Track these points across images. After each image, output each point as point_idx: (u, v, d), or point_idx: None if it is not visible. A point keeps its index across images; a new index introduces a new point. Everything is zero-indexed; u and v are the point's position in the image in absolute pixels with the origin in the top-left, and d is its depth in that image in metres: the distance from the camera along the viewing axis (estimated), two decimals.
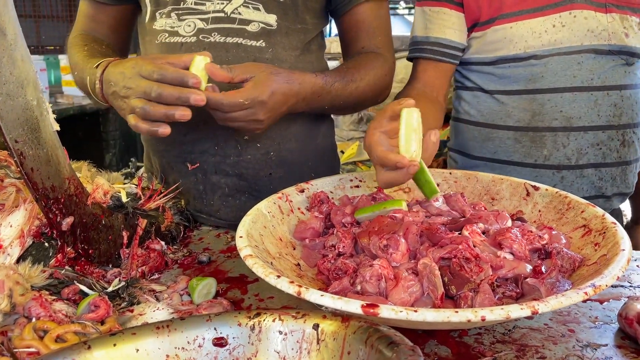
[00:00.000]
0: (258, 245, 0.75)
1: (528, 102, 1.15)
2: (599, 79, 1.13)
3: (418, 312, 0.55)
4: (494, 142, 1.21)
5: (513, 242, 0.71)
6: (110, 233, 0.82)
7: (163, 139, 1.08)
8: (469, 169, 1.26)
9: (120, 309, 0.69)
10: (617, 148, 1.15)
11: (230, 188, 1.12)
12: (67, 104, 4.33)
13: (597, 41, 1.12)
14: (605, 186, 1.17)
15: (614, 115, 1.14)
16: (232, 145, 1.09)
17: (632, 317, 0.67)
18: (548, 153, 1.15)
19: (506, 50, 1.15)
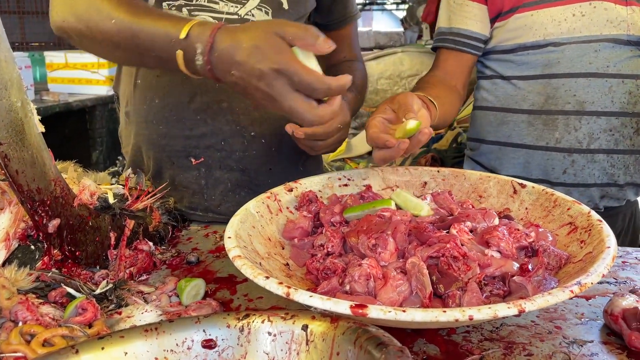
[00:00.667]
0: (247, 245, 0.75)
1: (543, 86, 1.18)
2: (615, 67, 1.15)
3: (407, 312, 0.55)
4: (508, 125, 1.24)
5: (500, 240, 0.72)
6: (97, 234, 0.81)
7: (166, 132, 1.11)
8: (483, 155, 1.28)
9: (108, 312, 0.69)
10: (631, 135, 1.17)
11: (232, 183, 1.13)
12: (52, 102, 4.28)
13: (616, 31, 1.14)
14: (617, 174, 1.18)
15: (628, 103, 1.16)
16: (239, 140, 1.11)
17: (617, 314, 0.67)
18: (559, 136, 1.17)
19: (526, 37, 1.18)
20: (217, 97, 1.10)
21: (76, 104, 4.43)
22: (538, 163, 1.21)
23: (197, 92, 1.10)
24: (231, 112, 1.11)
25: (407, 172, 1.01)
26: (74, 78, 4.73)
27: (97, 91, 4.65)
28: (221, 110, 1.10)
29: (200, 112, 1.10)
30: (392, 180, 1.01)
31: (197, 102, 1.10)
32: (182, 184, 1.14)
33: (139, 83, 1.13)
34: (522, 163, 1.23)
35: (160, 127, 1.12)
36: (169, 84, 1.10)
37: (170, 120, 1.11)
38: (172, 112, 1.11)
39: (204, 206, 1.14)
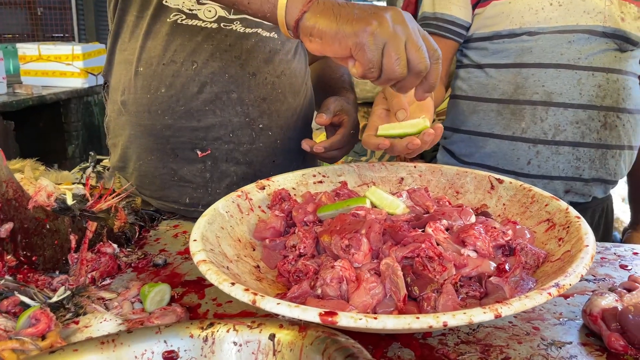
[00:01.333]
0: (214, 248, 0.71)
1: (513, 76, 1.18)
2: (586, 60, 1.14)
3: (378, 319, 0.52)
4: (478, 114, 1.24)
5: (476, 239, 0.69)
6: (56, 238, 0.77)
7: (172, 123, 1.08)
8: (455, 144, 1.27)
9: (65, 321, 0.65)
10: (598, 129, 1.15)
11: (238, 176, 1.11)
12: (25, 95, 4.17)
13: (592, 22, 1.13)
14: (583, 167, 1.17)
15: (596, 96, 1.14)
16: (247, 132, 1.10)
17: (597, 314, 0.66)
18: (525, 126, 1.17)
19: (502, 25, 1.17)
20: (227, 88, 1.07)
21: (50, 97, 4.34)
22: (505, 153, 1.20)
23: (206, 82, 1.07)
24: (241, 103, 1.09)
25: (383, 168, 0.98)
26: (48, 70, 4.63)
27: (72, 84, 4.56)
28: (231, 102, 1.08)
29: (209, 103, 1.07)
30: (368, 176, 0.98)
31: (207, 92, 1.07)
32: (185, 177, 1.11)
33: (141, 71, 1.08)
34: (490, 153, 1.22)
35: (166, 117, 1.07)
36: (176, 73, 1.06)
37: (177, 110, 1.07)
38: (179, 102, 1.07)
39: (207, 201, 1.10)
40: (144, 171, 1.13)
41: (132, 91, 1.10)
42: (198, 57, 1.06)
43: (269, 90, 1.12)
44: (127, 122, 1.12)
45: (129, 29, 1.11)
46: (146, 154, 1.12)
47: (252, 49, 1.10)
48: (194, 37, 1.07)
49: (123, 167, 1.17)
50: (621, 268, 0.84)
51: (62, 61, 4.58)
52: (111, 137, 1.19)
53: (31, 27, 6.78)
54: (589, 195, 1.21)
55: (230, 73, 1.08)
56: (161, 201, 1.14)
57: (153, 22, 1.07)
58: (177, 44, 1.06)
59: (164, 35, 1.07)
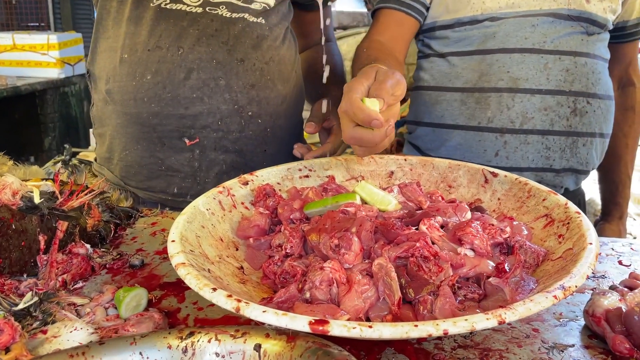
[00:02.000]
0: (194, 249, 0.66)
1: (477, 63, 1.13)
2: (551, 43, 1.10)
3: (373, 328, 0.48)
4: (441, 105, 1.18)
5: (474, 237, 0.65)
6: (23, 238, 0.71)
7: (158, 111, 1.04)
8: (419, 138, 1.23)
9: (32, 331, 0.60)
10: (567, 116, 1.11)
11: (227, 165, 1.08)
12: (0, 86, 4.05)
13: (556, 5, 1.09)
14: (553, 157, 1.13)
15: (565, 81, 1.10)
16: (236, 120, 1.07)
17: (600, 315, 0.62)
18: (492, 115, 1.12)
19: (464, 11, 1.13)
20: (214, 74, 1.04)
21: (25, 88, 4.23)
22: (471, 145, 1.15)
23: (193, 68, 1.03)
24: (229, 90, 1.05)
25: (372, 162, 0.94)
26: (23, 60, 4.52)
27: (48, 74, 4.44)
28: (219, 88, 1.05)
29: (196, 90, 1.04)
30: (357, 170, 0.93)
31: (194, 79, 1.03)
32: (173, 167, 1.07)
33: (126, 58, 1.04)
34: (456, 145, 1.17)
35: (152, 105, 1.04)
36: (162, 59, 1.03)
37: (163, 98, 1.03)
38: (165, 89, 1.03)
39: (196, 190, 1.08)
40: (130, 161, 1.09)
41: (117, 79, 1.06)
42: (184, 42, 1.03)
43: (257, 77, 1.08)
44: (112, 111, 1.08)
45: (111, 15, 1.07)
46: (132, 144, 1.08)
47: (240, 35, 1.07)
48: (179, 21, 1.03)
49: (109, 157, 1.13)
50: (620, 264, 0.81)
51: (38, 51, 4.46)
52: (97, 127, 1.15)
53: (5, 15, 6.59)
54: (561, 187, 1.18)
55: (217, 59, 1.04)
56: (148, 192, 1.10)
57: (136, 7, 1.03)
58: (162, 29, 1.03)
59: (148, 20, 1.03)
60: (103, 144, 1.13)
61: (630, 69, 1.35)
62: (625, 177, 1.35)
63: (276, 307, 0.60)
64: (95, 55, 1.10)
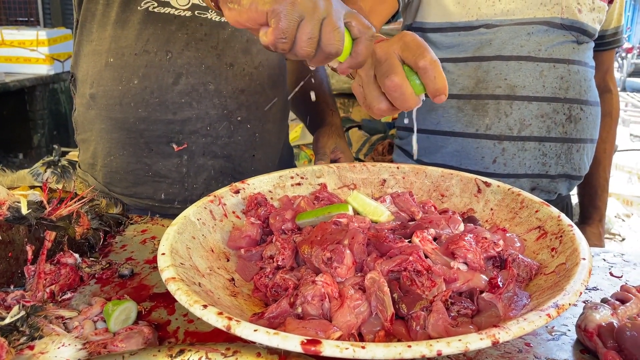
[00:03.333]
0: (184, 262, 0.65)
1: (473, 69, 1.12)
2: (546, 51, 1.10)
3: (366, 348, 0.48)
4: (437, 112, 1.18)
5: (467, 251, 0.65)
6: (9, 249, 0.70)
7: (146, 116, 1.02)
8: (408, 145, 1.22)
9: (19, 346, 0.58)
10: (563, 122, 1.12)
11: (216, 171, 1.07)
12: None
13: (550, 14, 1.09)
14: (549, 163, 1.13)
15: (560, 88, 1.11)
16: (225, 125, 1.06)
17: (592, 330, 0.62)
18: (490, 122, 1.12)
19: (458, 16, 1.12)
20: (203, 79, 1.03)
21: (14, 85, 4.19)
22: (468, 152, 1.15)
23: (182, 72, 1.02)
24: (218, 95, 1.04)
25: (364, 169, 0.93)
26: (11, 56, 4.47)
27: (37, 70, 4.40)
28: (208, 93, 1.03)
29: (185, 95, 1.03)
30: (349, 178, 0.93)
31: (182, 83, 1.02)
32: (160, 173, 1.06)
33: (112, 62, 1.02)
34: (452, 152, 1.17)
35: (139, 110, 1.02)
36: (149, 64, 1.01)
37: (151, 103, 1.02)
38: (153, 94, 1.02)
39: (184, 196, 1.07)
40: (115, 167, 1.07)
41: (102, 83, 1.04)
42: (172, 46, 1.02)
43: (247, 82, 1.07)
44: (96, 116, 1.06)
45: (96, 18, 1.05)
46: (117, 149, 1.06)
47: (229, 39, 1.05)
48: (168, 25, 1.02)
49: (93, 163, 1.11)
50: (611, 276, 0.81)
51: (27, 47, 4.41)
52: (80, 133, 1.13)
53: None
54: (555, 192, 1.18)
55: (206, 64, 1.03)
56: (134, 198, 1.09)
57: (122, 10, 1.01)
58: (149, 33, 1.01)
59: (135, 24, 1.01)
60: (87, 149, 1.11)
61: (607, 76, 1.37)
62: (603, 182, 1.37)
63: (268, 323, 0.59)
64: (79, 59, 1.08)
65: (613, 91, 1.38)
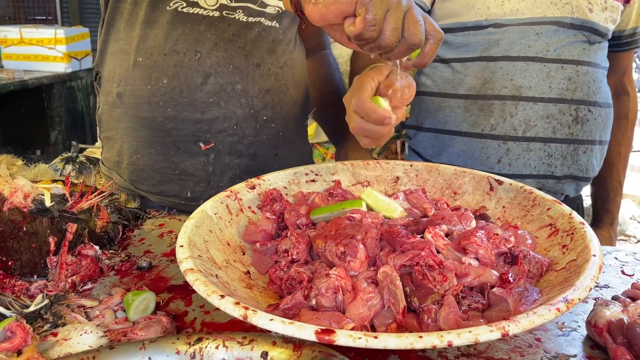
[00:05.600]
0: (202, 254, 0.67)
1: (481, 70, 1.13)
2: (554, 52, 1.10)
3: (379, 338, 0.49)
4: (444, 111, 1.18)
5: (479, 247, 0.66)
6: (33, 240, 0.73)
7: (174, 115, 1.05)
8: (420, 143, 1.23)
9: (43, 333, 0.61)
10: (569, 124, 1.12)
11: (241, 169, 1.09)
12: (7, 79, 4.07)
13: (560, 13, 1.09)
14: (555, 164, 1.13)
15: (567, 89, 1.11)
16: (251, 125, 1.08)
17: (602, 326, 0.63)
18: (495, 122, 1.12)
19: (467, 16, 1.12)
20: (231, 79, 1.05)
21: (32, 82, 4.25)
22: (473, 152, 1.15)
23: (210, 72, 1.04)
24: (245, 95, 1.06)
25: (378, 167, 0.94)
26: (30, 54, 4.53)
27: (55, 68, 4.46)
28: (235, 93, 1.05)
29: (213, 95, 1.05)
30: (363, 175, 0.94)
31: (211, 83, 1.04)
32: (187, 171, 1.08)
33: (140, 61, 1.04)
34: (458, 151, 1.18)
35: (168, 109, 1.04)
36: (178, 63, 1.03)
37: (180, 102, 1.04)
38: (182, 93, 1.03)
39: (209, 194, 1.08)
40: (142, 165, 1.09)
41: (129, 82, 1.06)
42: (201, 46, 1.03)
43: (272, 82, 1.10)
44: (123, 114, 1.08)
45: (123, 17, 1.06)
46: (144, 147, 1.08)
47: (256, 39, 1.07)
48: (197, 25, 1.03)
49: (118, 161, 1.13)
50: (623, 274, 0.81)
51: (45, 45, 4.47)
52: (104, 130, 1.15)
53: (13, 9, 6.61)
54: (561, 194, 1.18)
55: (234, 64, 1.05)
56: (160, 196, 1.11)
57: (151, 10, 1.03)
58: (178, 33, 1.03)
59: (164, 24, 1.03)
60: (112, 147, 1.13)
61: (625, 78, 1.36)
62: (617, 185, 1.36)
63: (282, 314, 0.61)
64: (105, 57, 1.10)
65: (631, 93, 1.37)
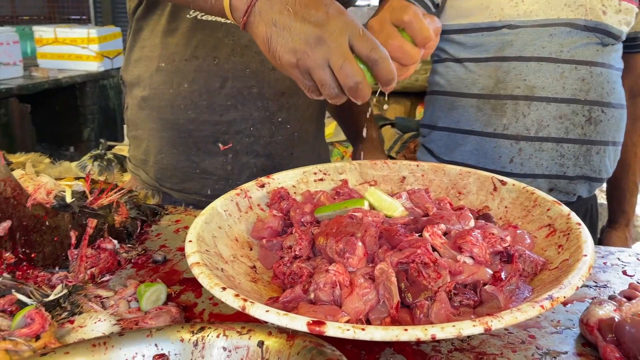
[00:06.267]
0: (209, 249, 0.71)
1: (494, 70, 1.14)
2: (568, 53, 1.11)
3: (366, 330, 0.52)
4: (457, 110, 1.20)
5: (474, 245, 0.68)
6: (55, 234, 0.78)
7: (195, 117, 1.11)
8: (433, 142, 1.25)
9: (60, 320, 0.66)
10: (582, 124, 1.12)
11: (257, 168, 1.15)
12: (41, 78, 4.22)
13: (574, 15, 1.10)
14: (567, 164, 1.14)
15: (580, 90, 1.11)
16: (267, 126, 1.13)
17: (593, 324, 0.64)
18: (507, 122, 1.13)
19: (481, 17, 1.14)
20: (248, 83, 1.10)
21: (66, 81, 4.37)
22: (486, 151, 1.16)
23: (228, 77, 1.09)
24: (261, 98, 1.12)
25: (385, 167, 0.97)
26: (64, 53, 4.66)
27: (88, 67, 4.58)
28: (251, 96, 1.11)
29: (230, 98, 1.10)
30: (370, 174, 0.97)
31: (229, 87, 1.10)
32: (207, 170, 1.14)
33: (163, 67, 1.10)
34: (471, 150, 1.19)
35: (189, 112, 1.10)
36: (198, 68, 1.09)
37: (199, 105, 1.10)
38: (202, 97, 1.10)
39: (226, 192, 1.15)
40: (166, 164, 1.15)
41: (153, 86, 1.12)
42: (219, 52, 1.08)
43: (287, 85, 1.14)
44: (148, 116, 1.15)
45: (148, 26, 1.13)
46: (168, 147, 1.14)
47: None
48: (215, 32, 1.08)
49: (144, 160, 1.19)
50: (624, 275, 0.82)
51: (78, 44, 4.61)
52: (131, 130, 1.22)
53: (48, 9, 6.82)
54: (574, 194, 1.18)
55: (251, 68, 1.10)
56: (183, 193, 1.17)
57: (173, 18, 1.09)
58: (198, 40, 1.08)
59: (185, 31, 1.08)
60: (138, 146, 1.20)
61: None
62: (633, 186, 1.36)
63: (282, 307, 0.64)
64: (130, 63, 1.17)
65: None
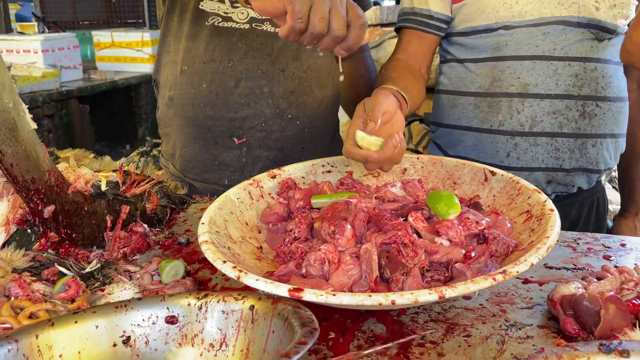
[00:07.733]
0: (219, 230, 0.82)
1: (490, 69, 1.20)
2: (561, 50, 1.15)
3: (336, 296, 0.61)
4: (457, 108, 1.27)
5: (449, 229, 0.76)
6: (93, 218, 0.91)
7: (212, 115, 1.24)
8: (440, 138, 1.31)
9: (94, 289, 0.78)
10: (576, 119, 1.16)
11: (270, 160, 1.25)
12: (99, 80, 4.49)
13: (567, 13, 1.14)
14: (563, 157, 1.18)
15: (574, 86, 1.15)
16: (278, 122, 1.24)
17: (557, 300, 0.71)
18: (502, 119, 1.19)
19: (479, 20, 1.20)
20: (259, 83, 1.22)
21: (122, 82, 4.63)
22: (484, 146, 1.22)
23: (241, 77, 1.21)
24: (272, 96, 1.23)
25: None
26: (120, 56, 4.93)
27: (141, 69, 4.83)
28: (263, 95, 1.22)
29: (244, 97, 1.22)
30: None
31: (242, 87, 1.21)
32: (224, 162, 1.27)
33: (186, 69, 1.23)
34: (471, 146, 1.25)
35: (207, 110, 1.23)
36: (215, 70, 1.21)
37: (217, 103, 1.23)
38: (218, 96, 1.22)
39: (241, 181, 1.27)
40: (189, 157, 1.28)
41: (177, 87, 1.25)
42: (234, 55, 1.20)
43: (296, 84, 1.23)
44: (174, 114, 1.28)
45: (172, 32, 1.25)
46: (190, 142, 1.27)
47: (282, 47, 1.22)
48: (230, 37, 1.20)
49: (172, 154, 1.32)
50: (604, 259, 0.87)
51: (133, 47, 4.87)
52: (162, 127, 1.36)
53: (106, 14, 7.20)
54: (572, 186, 1.22)
55: (262, 69, 1.21)
56: (204, 183, 1.29)
57: (193, 25, 1.21)
58: (215, 44, 1.20)
59: (204, 37, 1.20)
60: (168, 142, 1.33)
61: None
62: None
63: (277, 279, 0.74)
64: (160, 67, 1.30)
65: None
